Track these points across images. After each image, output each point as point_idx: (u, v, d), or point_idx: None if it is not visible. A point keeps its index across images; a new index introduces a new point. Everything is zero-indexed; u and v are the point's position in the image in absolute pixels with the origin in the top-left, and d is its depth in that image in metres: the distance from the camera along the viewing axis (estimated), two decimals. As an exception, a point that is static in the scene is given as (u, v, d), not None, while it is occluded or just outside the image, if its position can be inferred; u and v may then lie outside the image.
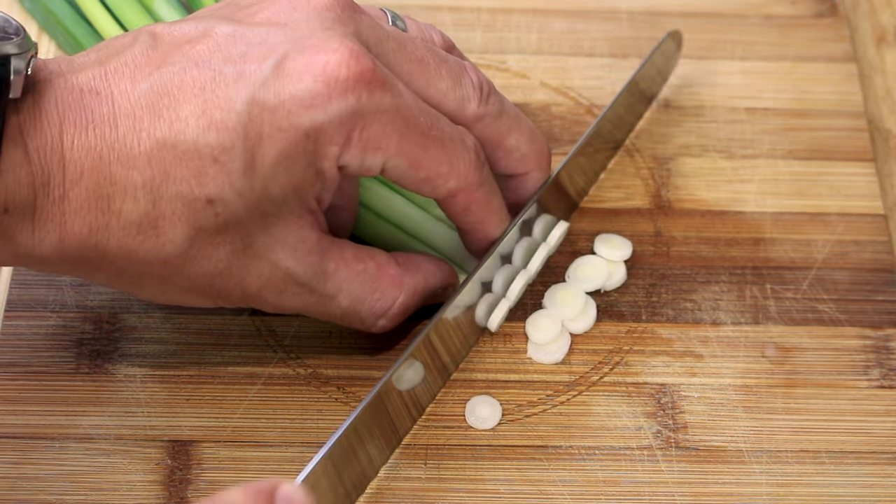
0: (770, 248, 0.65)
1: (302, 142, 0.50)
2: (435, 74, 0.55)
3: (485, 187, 0.56)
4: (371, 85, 0.51)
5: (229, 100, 0.49)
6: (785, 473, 0.58)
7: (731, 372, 0.61)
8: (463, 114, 0.56)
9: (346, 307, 0.56)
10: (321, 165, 0.52)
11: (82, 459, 0.57)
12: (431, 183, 0.55)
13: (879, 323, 0.62)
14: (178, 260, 0.51)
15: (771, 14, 0.73)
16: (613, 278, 0.63)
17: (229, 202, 0.50)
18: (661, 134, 0.68)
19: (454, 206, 0.56)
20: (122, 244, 0.50)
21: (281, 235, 0.53)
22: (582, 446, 0.59)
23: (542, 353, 0.61)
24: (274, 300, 0.55)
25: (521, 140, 0.58)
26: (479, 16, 0.72)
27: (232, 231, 0.51)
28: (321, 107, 0.50)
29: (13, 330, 0.61)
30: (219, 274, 0.52)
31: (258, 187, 0.51)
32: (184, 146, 0.49)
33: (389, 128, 0.52)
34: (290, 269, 0.54)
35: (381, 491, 0.57)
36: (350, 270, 0.55)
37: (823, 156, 0.68)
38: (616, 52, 0.71)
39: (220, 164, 0.49)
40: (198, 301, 0.55)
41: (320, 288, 0.55)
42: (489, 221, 0.58)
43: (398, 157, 0.53)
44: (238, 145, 0.49)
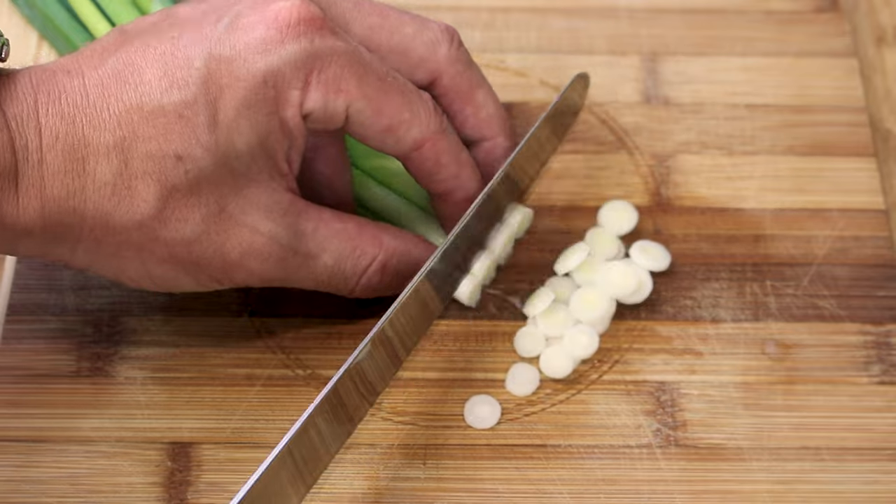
0: (770, 245, 0.64)
1: (261, 88, 0.52)
2: (398, 22, 0.57)
3: (449, 136, 0.57)
4: (322, 30, 0.53)
5: (188, 59, 0.52)
6: (785, 471, 0.58)
7: (731, 369, 0.61)
8: (435, 56, 0.58)
9: (331, 266, 0.57)
10: (284, 114, 0.53)
11: (83, 462, 0.58)
12: (395, 132, 0.56)
13: (880, 319, 0.62)
14: (153, 222, 0.52)
15: (771, 9, 0.73)
16: (642, 290, 0.62)
17: (197, 157, 0.52)
18: (660, 131, 0.68)
19: (423, 160, 0.57)
20: (98, 206, 0.52)
21: (253, 198, 0.54)
22: (581, 445, 0.58)
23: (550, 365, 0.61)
24: (258, 268, 0.55)
25: (489, 98, 0.60)
26: (478, 15, 0.72)
27: (204, 191, 0.53)
28: (275, 51, 0.52)
29: (14, 334, 0.61)
30: (196, 239, 0.53)
31: (224, 141, 0.52)
32: (149, 106, 0.51)
33: (347, 70, 0.54)
34: (269, 232, 0.55)
35: (380, 491, 0.57)
36: (330, 229, 0.56)
37: (824, 151, 0.68)
38: (615, 49, 0.71)
39: (184, 120, 0.51)
40: (180, 279, 0.55)
41: (303, 249, 0.56)
42: (463, 175, 0.58)
43: (360, 101, 0.54)
44: (200, 99, 0.51)
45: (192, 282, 0.55)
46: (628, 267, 0.62)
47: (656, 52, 0.71)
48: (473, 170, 0.59)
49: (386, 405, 0.59)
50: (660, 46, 0.71)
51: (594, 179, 0.67)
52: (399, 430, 0.59)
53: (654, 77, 0.70)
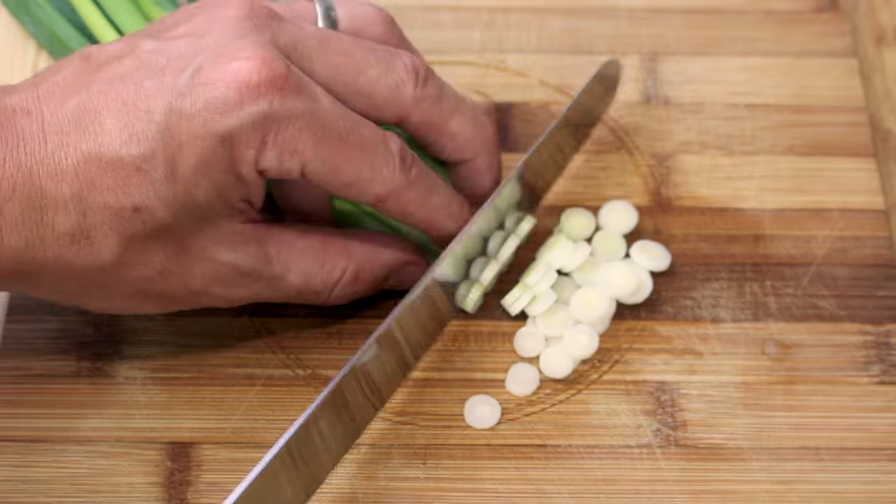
0: (770, 245, 0.64)
1: (218, 148, 0.52)
2: (363, 62, 0.56)
3: (415, 188, 0.57)
4: (283, 90, 0.52)
5: (149, 111, 0.52)
6: (785, 471, 0.58)
7: (731, 369, 0.61)
8: (399, 98, 0.57)
9: (298, 284, 0.57)
10: (240, 170, 0.53)
11: (83, 462, 0.58)
12: (355, 188, 0.55)
13: (880, 319, 0.62)
14: (114, 266, 0.53)
15: (771, 9, 0.73)
16: (642, 291, 0.62)
17: (155, 209, 0.52)
18: (660, 131, 0.68)
19: (388, 210, 0.57)
20: (59, 255, 0.52)
21: (213, 235, 0.54)
22: (581, 445, 0.58)
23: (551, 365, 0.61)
24: (223, 293, 0.56)
25: (464, 123, 0.59)
26: (478, 15, 0.72)
27: (163, 237, 0.53)
28: (233, 112, 0.52)
29: (14, 333, 0.61)
30: (159, 276, 0.54)
31: (181, 193, 0.52)
32: (108, 157, 0.51)
33: (305, 132, 0.53)
34: (230, 262, 0.55)
35: (379, 491, 0.57)
36: (293, 249, 0.56)
37: (824, 151, 0.68)
38: (616, 49, 0.71)
39: (142, 173, 0.51)
40: (147, 306, 0.56)
41: (267, 272, 0.56)
42: (435, 218, 0.58)
43: (316, 162, 0.54)
44: (159, 154, 0.51)
45: (156, 307, 0.56)
46: (629, 267, 0.62)
47: (656, 52, 0.71)
48: (448, 211, 0.58)
49: (386, 405, 0.59)
50: (660, 46, 0.71)
51: (594, 179, 0.67)
52: (399, 430, 0.59)
53: (654, 77, 0.70)
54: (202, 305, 0.57)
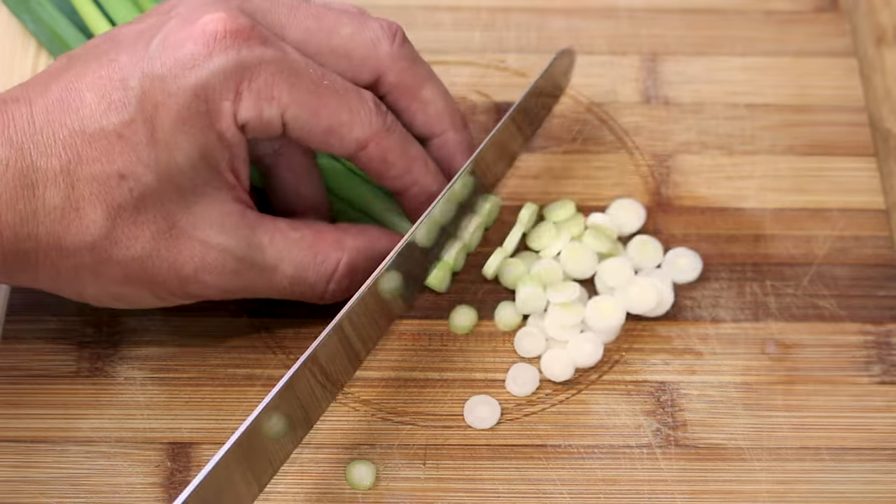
0: (770, 245, 0.64)
1: (193, 102, 0.53)
2: (336, 23, 0.57)
3: (395, 134, 0.57)
4: (250, 40, 0.54)
5: (124, 80, 0.53)
6: (785, 471, 0.58)
7: (731, 369, 0.61)
8: (376, 54, 0.58)
9: (291, 275, 0.57)
10: (220, 126, 0.54)
11: (82, 462, 0.58)
12: (336, 134, 0.56)
13: (880, 318, 0.62)
14: (104, 243, 0.54)
15: (771, 9, 0.73)
16: (662, 305, 0.62)
17: (140, 175, 0.53)
18: (660, 131, 0.68)
19: (369, 159, 0.57)
20: (51, 230, 0.53)
21: (203, 213, 0.55)
22: (581, 445, 0.58)
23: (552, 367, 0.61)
24: (215, 282, 0.56)
25: (437, 93, 0.60)
26: (478, 15, 0.72)
27: (151, 209, 0.54)
28: (203, 64, 0.53)
29: (14, 333, 0.61)
30: (148, 257, 0.54)
31: (164, 157, 0.53)
32: (91, 129, 0.53)
33: (278, 77, 0.54)
34: (222, 245, 0.55)
35: (379, 491, 0.57)
36: (287, 239, 0.57)
37: (824, 151, 0.68)
38: (615, 49, 0.71)
39: (124, 140, 0.53)
40: (138, 293, 0.56)
41: (259, 261, 0.56)
42: (415, 170, 0.58)
43: (294, 107, 0.55)
44: (137, 118, 0.53)
45: (151, 297, 0.56)
46: (649, 283, 0.61)
47: (656, 52, 0.71)
48: (426, 164, 0.59)
49: (386, 405, 0.59)
50: (660, 46, 0.71)
51: (594, 179, 0.66)
52: (399, 430, 0.59)
53: (654, 77, 0.70)
54: (195, 297, 0.57)
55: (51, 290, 0.56)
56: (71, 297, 0.56)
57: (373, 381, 0.60)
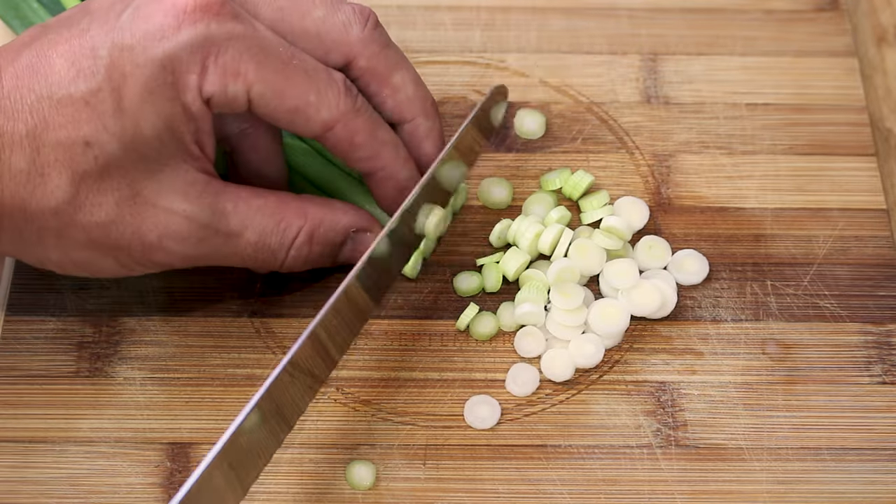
0: (771, 244, 0.64)
1: (160, 73, 0.53)
2: (309, 4, 0.57)
3: (363, 116, 0.57)
4: (220, 15, 0.54)
5: (94, 49, 0.54)
6: (786, 471, 0.58)
7: (732, 369, 0.61)
8: (347, 38, 0.58)
9: (255, 242, 0.57)
10: (185, 98, 0.54)
11: (82, 462, 0.58)
12: (302, 114, 0.56)
13: (881, 319, 0.62)
14: (68, 208, 0.54)
15: (771, 9, 0.73)
16: (665, 307, 0.62)
17: (105, 143, 0.53)
18: (661, 131, 0.68)
19: (338, 141, 0.57)
20: (15, 194, 0.53)
21: (167, 181, 0.55)
22: (581, 445, 0.58)
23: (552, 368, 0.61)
24: (178, 248, 0.56)
25: (408, 79, 0.60)
26: (478, 14, 0.72)
27: (115, 176, 0.54)
28: (171, 37, 0.54)
29: (13, 334, 0.61)
30: (112, 223, 0.55)
31: (130, 126, 0.54)
32: (58, 95, 0.53)
33: (245, 54, 0.54)
34: (186, 212, 0.55)
35: (379, 491, 0.57)
36: (250, 206, 0.57)
37: (824, 151, 0.68)
38: (615, 49, 0.71)
39: (91, 107, 0.53)
40: (101, 259, 0.56)
41: (223, 227, 0.56)
42: (384, 154, 0.59)
43: (260, 84, 0.55)
44: (105, 87, 0.53)
45: (114, 264, 0.56)
46: (653, 287, 0.61)
47: (656, 52, 0.71)
48: (395, 148, 0.59)
49: (385, 405, 0.59)
50: (660, 46, 0.71)
51: (595, 179, 0.66)
52: (399, 430, 0.59)
53: (655, 77, 0.70)
54: (159, 265, 0.57)
55: (13, 254, 0.56)
56: (33, 263, 0.56)
57: (373, 381, 0.60)
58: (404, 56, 0.60)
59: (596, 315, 0.61)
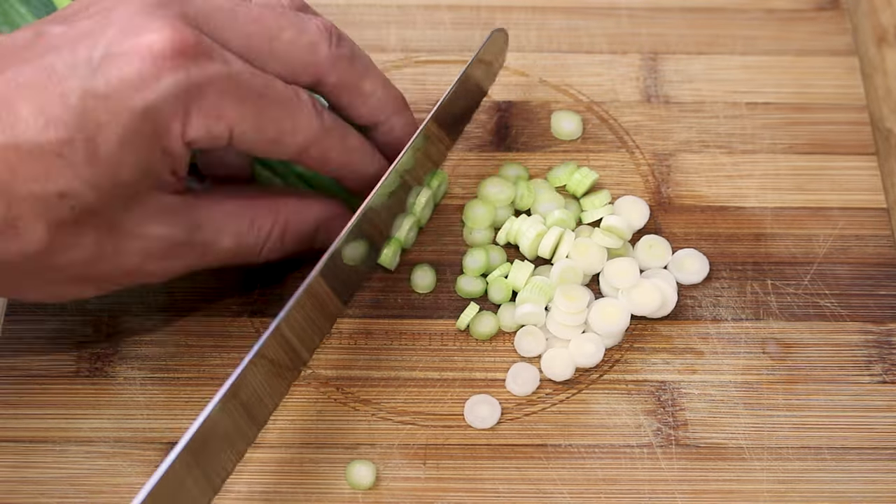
0: (771, 244, 0.64)
1: (139, 124, 0.52)
2: (276, 27, 0.56)
3: (333, 132, 0.58)
4: (197, 58, 0.53)
5: (63, 95, 0.51)
6: (786, 470, 0.58)
7: (732, 368, 0.60)
8: (316, 58, 0.57)
9: (230, 247, 0.57)
10: (166, 144, 0.53)
11: (82, 462, 0.58)
12: (280, 142, 0.56)
13: (881, 318, 0.62)
14: (44, 255, 0.52)
15: (772, 8, 0.73)
16: (666, 306, 0.62)
17: (80, 193, 0.52)
18: (661, 130, 0.68)
19: (312, 161, 0.57)
20: None
21: (143, 211, 0.54)
22: (581, 445, 0.58)
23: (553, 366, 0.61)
24: (158, 268, 0.56)
25: (377, 84, 0.60)
26: (478, 14, 0.72)
27: (92, 219, 0.53)
28: (151, 86, 0.52)
29: (13, 333, 0.61)
30: (92, 259, 0.54)
31: (106, 174, 0.52)
32: (27, 146, 0.51)
33: (225, 95, 0.54)
34: (163, 235, 0.55)
35: (379, 491, 0.57)
36: (222, 212, 0.57)
37: (825, 150, 0.67)
38: (616, 48, 0.71)
39: (63, 159, 0.51)
40: (86, 290, 0.55)
41: (199, 239, 0.56)
42: (354, 160, 0.59)
43: (242, 123, 0.54)
44: (77, 137, 0.51)
45: (95, 290, 0.56)
46: (653, 287, 0.61)
47: (657, 51, 0.71)
48: (363, 153, 0.59)
49: (385, 405, 0.59)
50: (660, 45, 0.71)
51: (598, 177, 0.66)
52: (399, 430, 0.59)
53: (655, 76, 0.70)
54: (140, 283, 0.56)
55: None
56: (10, 297, 0.56)
57: (373, 381, 0.60)
58: (370, 60, 0.60)
59: (596, 314, 0.60)
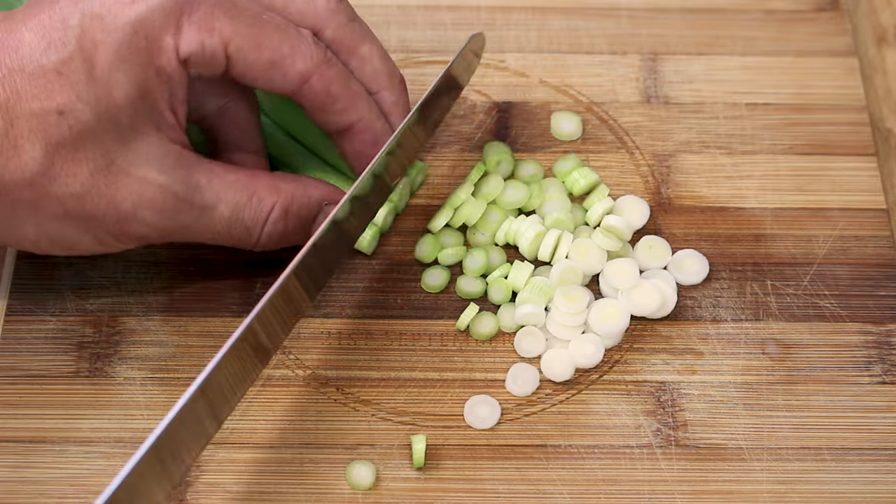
0: (771, 244, 0.64)
1: (132, 38, 0.54)
2: None
3: (336, 66, 0.58)
4: None
5: (63, 20, 0.54)
6: (786, 471, 0.58)
7: (732, 369, 0.61)
8: (314, 9, 0.58)
9: (228, 217, 0.58)
10: (160, 62, 0.55)
11: (82, 462, 0.58)
12: (279, 67, 0.57)
13: (881, 318, 0.62)
14: (42, 179, 0.54)
15: (772, 9, 0.73)
16: (665, 307, 0.62)
17: (79, 112, 0.54)
18: (661, 131, 0.68)
19: (313, 93, 0.58)
20: None
21: (142, 150, 0.55)
22: (581, 445, 0.58)
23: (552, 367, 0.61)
24: (153, 220, 0.56)
25: (374, 52, 0.60)
26: (478, 14, 0.72)
27: (90, 146, 0.54)
28: (142, 1, 0.54)
29: (13, 334, 0.61)
30: (87, 193, 0.55)
31: (103, 94, 0.54)
32: (30, 67, 0.54)
33: (217, 10, 0.55)
34: (160, 183, 0.56)
35: (379, 491, 0.57)
36: (223, 180, 0.57)
37: (824, 151, 0.67)
38: (616, 49, 0.71)
39: (63, 77, 0.53)
40: (77, 233, 0.56)
41: (198, 200, 0.57)
42: (359, 105, 0.59)
43: (236, 38, 0.55)
44: (76, 56, 0.54)
45: (91, 240, 0.56)
46: (653, 287, 0.61)
47: (656, 52, 0.71)
48: (369, 102, 0.60)
49: (386, 405, 0.59)
50: (660, 46, 0.71)
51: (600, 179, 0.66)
52: (399, 430, 0.59)
53: (655, 77, 0.70)
54: (135, 238, 0.57)
55: None
56: (10, 243, 0.56)
57: (373, 381, 0.60)
58: (370, 31, 0.60)
59: (596, 315, 0.61)
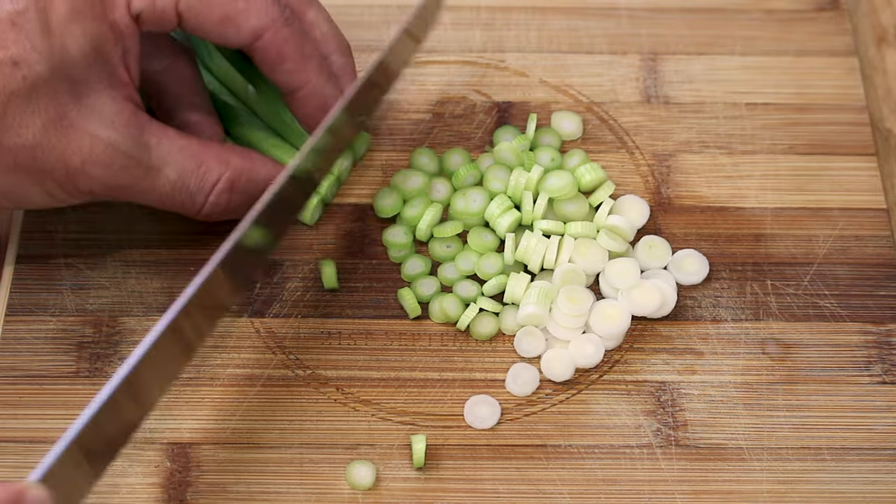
0: (771, 244, 0.64)
1: None
2: None
3: (291, 26, 0.58)
4: None
5: None
6: (786, 471, 0.58)
7: (732, 369, 0.61)
8: None
9: (174, 180, 0.58)
10: (113, 16, 0.55)
11: (82, 462, 0.58)
12: (232, 22, 0.57)
13: (881, 318, 0.62)
14: None
15: (772, 8, 0.73)
16: (665, 307, 0.62)
17: (32, 63, 0.54)
18: (660, 131, 0.68)
19: (265, 50, 0.58)
20: None
21: (95, 106, 0.56)
22: (581, 445, 0.58)
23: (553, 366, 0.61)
24: (101, 175, 0.56)
25: (322, 18, 0.61)
26: (478, 14, 0.72)
27: (43, 98, 0.55)
28: None
29: (13, 334, 0.61)
30: (38, 145, 0.55)
31: (57, 46, 0.54)
32: None
33: None
34: (110, 139, 0.56)
35: (379, 491, 0.57)
36: (173, 144, 0.58)
37: (824, 150, 0.67)
38: (615, 48, 0.71)
39: (17, 27, 0.54)
40: (27, 186, 0.56)
41: (145, 160, 0.57)
42: (310, 68, 0.59)
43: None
44: (31, 7, 0.54)
45: (40, 193, 0.57)
46: (653, 287, 0.61)
47: (656, 52, 0.71)
48: (320, 64, 0.60)
49: (386, 405, 0.59)
50: (660, 46, 0.71)
51: (595, 179, 0.66)
52: (399, 430, 0.59)
53: (655, 76, 0.70)
54: (82, 192, 0.57)
55: None
56: None
57: (373, 381, 0.60)
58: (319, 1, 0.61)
59: (597, 317, 0.61)
